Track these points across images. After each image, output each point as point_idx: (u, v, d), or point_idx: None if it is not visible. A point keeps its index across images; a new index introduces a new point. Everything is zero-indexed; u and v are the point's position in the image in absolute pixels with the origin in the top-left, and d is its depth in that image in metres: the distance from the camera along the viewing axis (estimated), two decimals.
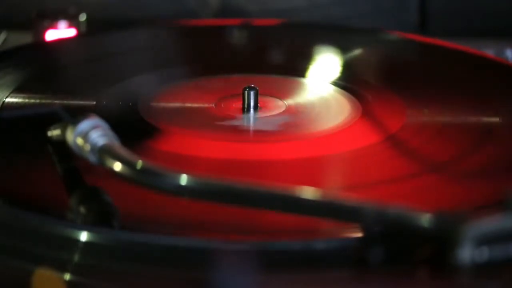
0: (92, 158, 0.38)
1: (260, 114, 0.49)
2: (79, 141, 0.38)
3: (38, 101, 0.51)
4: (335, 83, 0.54)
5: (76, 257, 0.34)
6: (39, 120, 0.43)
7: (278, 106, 0.51)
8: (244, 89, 0.50)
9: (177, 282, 0.33)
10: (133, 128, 0.47)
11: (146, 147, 0.44)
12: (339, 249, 0.34)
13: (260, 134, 0.48)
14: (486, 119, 0.49)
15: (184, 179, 0.35)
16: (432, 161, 0.44)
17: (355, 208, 0.34)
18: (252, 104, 0.49)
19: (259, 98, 0.50)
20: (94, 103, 0.50)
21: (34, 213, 0.36)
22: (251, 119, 0.49)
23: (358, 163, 0.44)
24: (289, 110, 0.50)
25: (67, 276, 0.33)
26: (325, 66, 0.60)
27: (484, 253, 0.32)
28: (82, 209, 0.38)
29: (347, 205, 0.34)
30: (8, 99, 0.50)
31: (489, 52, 0.64)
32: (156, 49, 0.63)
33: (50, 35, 0.65)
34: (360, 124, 0.48)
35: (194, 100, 0.52)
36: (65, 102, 0.50)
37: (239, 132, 0.48)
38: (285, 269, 0.33)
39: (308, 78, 0.57)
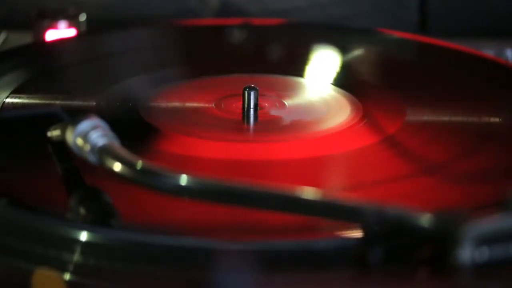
0: (92, 158, 0.38)
1: (260, 114, 0.49)
2: (79, 141, 0.38)
3: (38, 101, 0.51)
4: (335, 83, 0.54)
5: (76, 257, 0.34)
6: (39, 121, 0.43)
7: (278, 106, 0.51)
8: (244, 89, 0.50)
9: (177, 282, 0.33)
10: (133, 128, 0.47)
11: (146, 148, 0.44)
12: (339, 249, 0.34)
13: (260, 134, 0.48)
14: (486, 119, 0.49)
15: (184, 179, 0.35)
16: (432, 161, 0.44)
17: (355, 208, 0.34)
18: (252, 104, 0.49)
19: (259, 98, 0.50)
20: (94, 103, 0.50)
21: (34, 213, 0.36)
22: (251, 119, 0.49)
23: (358, 163, 0.44)
24: (289, 110, 0.50)
25: (67, 276, 0.33)
26: (325, 66, 0.60)
27: (484, 253, 0.32)
28: (82, 209, 0.38)
29: (347, 205, 0.34)
30: (8, 99, 0.50)
31: (489, 52, 0.64)
32: (156, 49, 0.63)
33: (50, 35, 0.65)
34: (360, 124, 0.48)
35: (194, 100, 0.52)
36: (65, 102, 0.50)
37: (239, 132, 0.48)
38: (285, 269, 0.33)
39: (308, 78, 0.57)
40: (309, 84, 0.56)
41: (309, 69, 0.59)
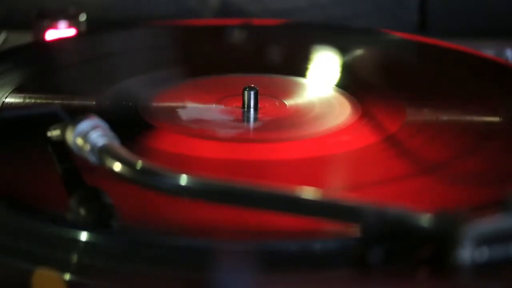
0: (92, 158, 0.38)
1: (260, 114, 0.49)
2: (79, 141, 0.38)
3: (38, 101, 0.51)
4: (335, 83, 0.54)
5: (76, 257, 0.34)
6: (39, 120, 0.43)
7: (278, 106, 0.51)
8: (244, 89, 0.50)
9: (177, 282, 0.33)
10: (133, 128, 0.47)
11: (146, 147, 0.44)
12: (339, 249, 0.34)
13: (260, 134, 0.48)
14: (486, 119, 0.49)
15: (184, 179, 0.35)
16: (431, 161, 0.44)
17: (355, 208, 0.34)
18: (252, 104, 0.49)
19: (259, 98, 0.50)
20: (94, 103, 0.50)
21: (34, 214, 0.36)
22: (251, 119, 0.49)
23: (358, 163, 0.44)
24: (289, 110, 0.50)
25: (67, 276, 0.33)
26: (325, 66, 0.60)
27: (484, 253, 0.32)
28: (82, 210, 0.38)
29: (347, 205, 0.34)
30: (8, 99, 0.50)
31: (489, 52, 0.64)
32: (156, 49, 0.63)
33: (50, 35, 0.65)
34: (359, 124, 0.48)
35: (194, 100, 0.52)
36: (65, 102, 0.50)
37: (239, 132, 0.48)
38: (285, 269, 0.33)
39: (308, 78, 0.57)
40: (309, 84, 0.56)
41: (309, 69, 0.59)
